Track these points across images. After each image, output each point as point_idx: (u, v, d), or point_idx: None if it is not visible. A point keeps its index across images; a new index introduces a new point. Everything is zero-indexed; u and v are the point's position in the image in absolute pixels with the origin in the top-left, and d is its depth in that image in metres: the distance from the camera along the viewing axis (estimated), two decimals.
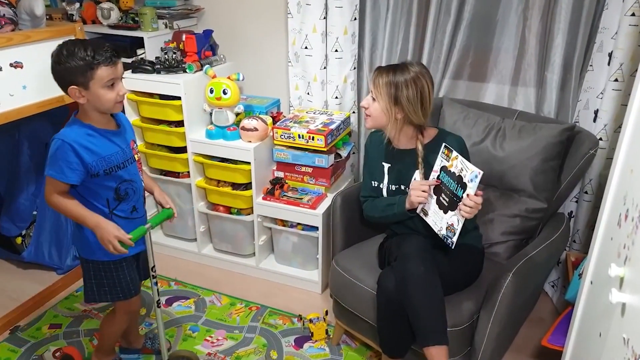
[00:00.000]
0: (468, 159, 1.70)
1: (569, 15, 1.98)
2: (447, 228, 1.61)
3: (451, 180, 1.58)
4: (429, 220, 1.69)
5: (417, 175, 1.75)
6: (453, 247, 1.60)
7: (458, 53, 2.26)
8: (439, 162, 1.65)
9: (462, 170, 1.54)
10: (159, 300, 1.71)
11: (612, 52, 1.87)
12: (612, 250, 1.12)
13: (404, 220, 1.80)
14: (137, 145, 1.71)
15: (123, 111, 1.72)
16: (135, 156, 1.67)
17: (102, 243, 1.48)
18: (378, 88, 1.71)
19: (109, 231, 1.47)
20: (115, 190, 1.58)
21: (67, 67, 1.44)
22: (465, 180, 1.53)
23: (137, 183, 1.66)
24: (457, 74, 2.32)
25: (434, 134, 1.80)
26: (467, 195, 1.52)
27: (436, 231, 1.66)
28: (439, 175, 1.64)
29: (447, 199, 1.61)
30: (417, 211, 1.74)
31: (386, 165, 1.84)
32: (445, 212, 1.62)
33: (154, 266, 1.67)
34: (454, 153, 1.58)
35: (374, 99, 1.74)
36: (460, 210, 1.55)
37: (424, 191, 1.67)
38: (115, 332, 1.84)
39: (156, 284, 1.70)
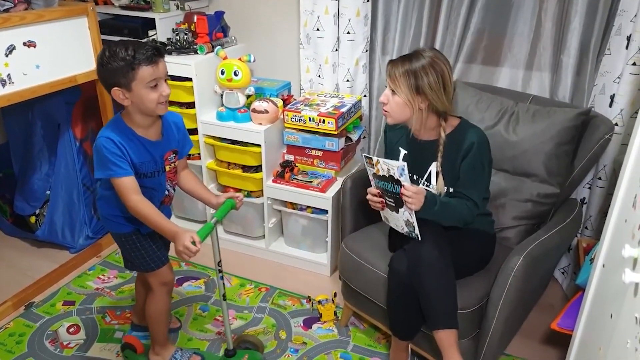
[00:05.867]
0: (489, 153, 1.69)
1: None
2: (406, 224, 1.63)
3: (386, 183, 1.60)
4: (392, 224, 1.72)
5: (433, 167, 1.71)
6: (420, 239, 1.60)
7: (472, 36, 2.23)
8: (369, 172, 1.66)
9: (389, 170, 1.55)
10: (224, 294, 1.71)
11: (630, 35, 1.83)
12: (626, 232, 1.11)
13: None
14: (176, 156, 1.66)
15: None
16: (167, 167, 1.62)
17: (176, 252, 1.45)
18: (396, 80, 1.61)
19: (182, 241, 1.43)
20: None
21: (109, 69, 1.41)
22: (396, 177, 1.54)
23: (159, 192, 1.64)
24: (471, 58, 2.29)
25: (455, 124, 1.71)
26: (402, 187, 1.53)
27: (400, 232, 1.68)
28: (375, 184, 1.67)
29: (392, 200, 1.62)
30: (383, 220, 1.76)
31: (402, 152, 1.80)
32: (397, 212, 1.63)
33: (220, 261, 1.66)
34: (375, 158, 1.58)
35: (393, 92, 1.64)
36: (406, 204, 1.55)
37: (374, 195, 1.68)
38: (161, 310, 1.75)
39: (222, 277, 1.69)
